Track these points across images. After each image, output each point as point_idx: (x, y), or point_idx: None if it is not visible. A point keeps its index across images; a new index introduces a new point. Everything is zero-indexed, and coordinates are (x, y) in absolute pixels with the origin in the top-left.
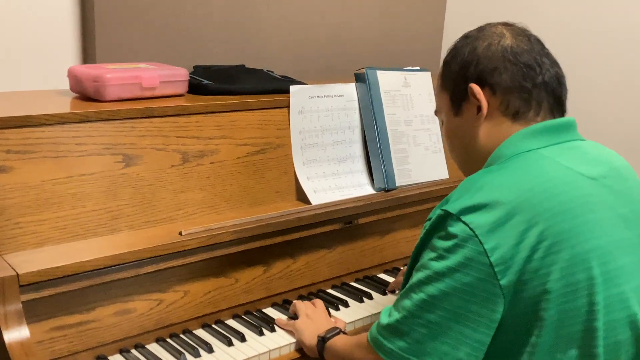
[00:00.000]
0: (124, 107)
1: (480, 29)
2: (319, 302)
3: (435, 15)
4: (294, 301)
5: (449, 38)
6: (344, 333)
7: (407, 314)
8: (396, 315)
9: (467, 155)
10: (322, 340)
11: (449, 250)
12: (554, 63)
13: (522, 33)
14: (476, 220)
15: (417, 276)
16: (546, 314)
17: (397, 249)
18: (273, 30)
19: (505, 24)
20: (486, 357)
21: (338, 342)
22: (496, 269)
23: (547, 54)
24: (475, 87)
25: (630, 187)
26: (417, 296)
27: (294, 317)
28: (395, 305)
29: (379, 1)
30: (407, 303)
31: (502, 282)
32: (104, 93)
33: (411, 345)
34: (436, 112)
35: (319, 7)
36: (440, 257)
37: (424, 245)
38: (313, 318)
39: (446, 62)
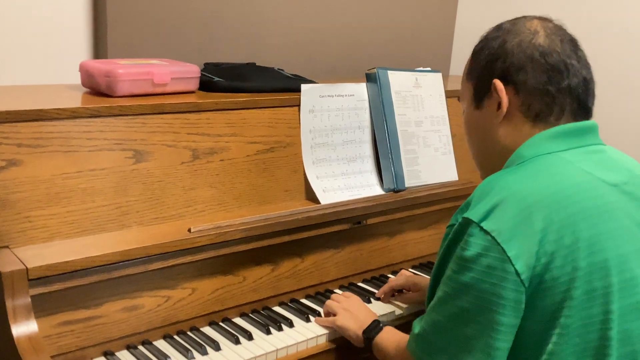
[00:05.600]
0: (135, 102)
1: (514, 22)
2: (349, 294)
3: (446, 16)
4: (326, 302)
5: (460, 39)
6: (385, 324)
7: (441, 328)
8: (430, 330)
9: (483, 149)
10: (368, 339)
11: (472, 261)
12: (584, 66)
13: (556, 32)
14: (497, 226)
15: (444, 289)
16: (567, 322)
17: (406, 250)
18: (284, 29)
19: (542, 20)
20: None
21: (383, 341)
22: (522, 277)
23: (579, 57)
24: (499, 84)
25: None
26: (448, 310)
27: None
28: (427, 318)
29: (390, 1)
30: (438, 318)
31: (528, 289)
32: (116, 88)
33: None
34: (459, 99)
35: (330, 6)
36: (465, 269)
37: (447, 255)
38: (352, 310)
39: (475, 52)
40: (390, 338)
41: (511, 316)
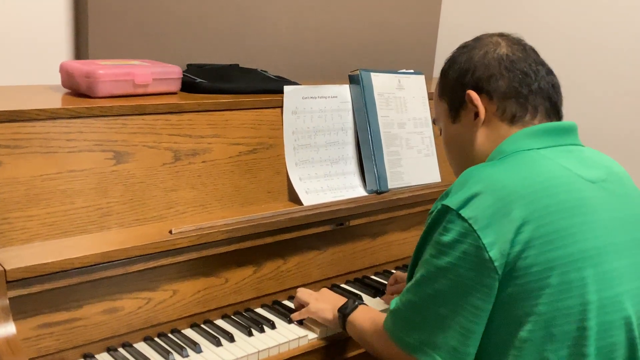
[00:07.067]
0: (115, 103)
1: (477, 39)
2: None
3: (430, 18)
4: (298, 290)
5: (444, 42)
6: (360, 303)
7: (416, 308)
8: (406, 309)
9: (465, 160)
10: (343, 316)
11: (449, 246)
12: (549, 71)
13: (517, 42)
14: (474, 214)
15: (421, 272)
16: (542, 310)
17: (389, 252)
18: (267, 30)
19: (501, 35)
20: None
21: (358, 318)
22: (496, 264)
23: (542, 63)
24: (473, 94)
25: (628, 192)
26: (423, 292)
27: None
28: (403, 298)
29: (373, 3)
30: (414, 298)
31: (501, 276)
32: (96, 89)
33: (424, 338)
34: (434, 121)
35: (313, 8)
36: (441, 253)
37: (426, 240)
38: (323, 297)
39: (444, 71)
40: (366, 315)
41: (484, 301)
